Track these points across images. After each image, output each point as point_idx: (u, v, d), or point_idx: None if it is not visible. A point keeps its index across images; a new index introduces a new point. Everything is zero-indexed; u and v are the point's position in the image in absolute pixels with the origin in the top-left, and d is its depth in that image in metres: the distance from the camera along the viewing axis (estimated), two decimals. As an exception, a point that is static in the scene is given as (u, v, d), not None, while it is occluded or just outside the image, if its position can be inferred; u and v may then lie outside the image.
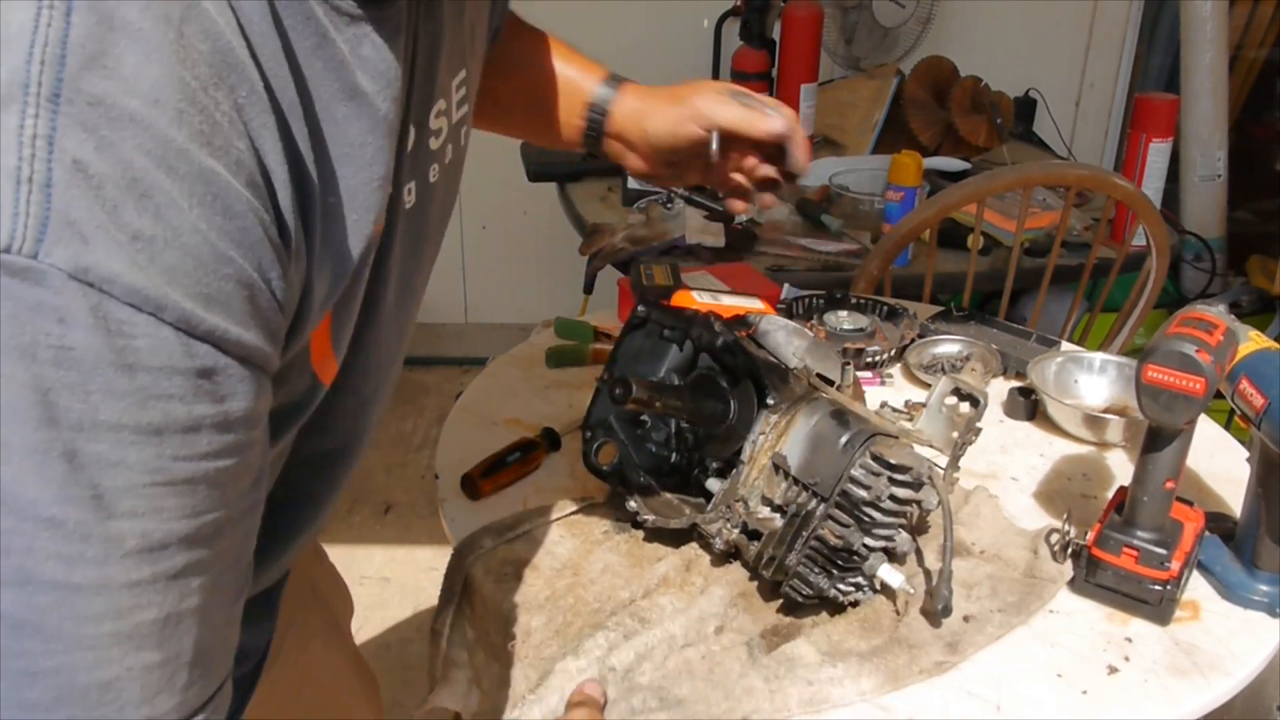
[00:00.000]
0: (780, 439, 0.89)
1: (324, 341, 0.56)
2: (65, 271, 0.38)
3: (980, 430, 1.02)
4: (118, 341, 0.39)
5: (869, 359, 1.33)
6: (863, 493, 0.84)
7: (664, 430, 1.02)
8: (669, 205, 2.07)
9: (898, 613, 0.91)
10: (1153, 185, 2.08)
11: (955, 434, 0.99)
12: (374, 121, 0.52)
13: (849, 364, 1.01)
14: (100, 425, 0.39)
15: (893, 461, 0.84)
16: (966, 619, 0.91)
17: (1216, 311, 0.89)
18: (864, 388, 1.04)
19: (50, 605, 0.40)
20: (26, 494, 0.39)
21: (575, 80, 0.96)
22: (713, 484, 0.94)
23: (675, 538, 0.99)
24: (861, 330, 1.39)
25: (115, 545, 0.40)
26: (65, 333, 0.38)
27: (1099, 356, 1.31)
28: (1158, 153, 2.07)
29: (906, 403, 1.28)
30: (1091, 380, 1.29)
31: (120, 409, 0.40)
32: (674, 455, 1.02)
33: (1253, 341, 0.92)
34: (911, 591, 0.88)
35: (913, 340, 1.37)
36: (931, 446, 0.98)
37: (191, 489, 0.42)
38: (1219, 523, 1.02)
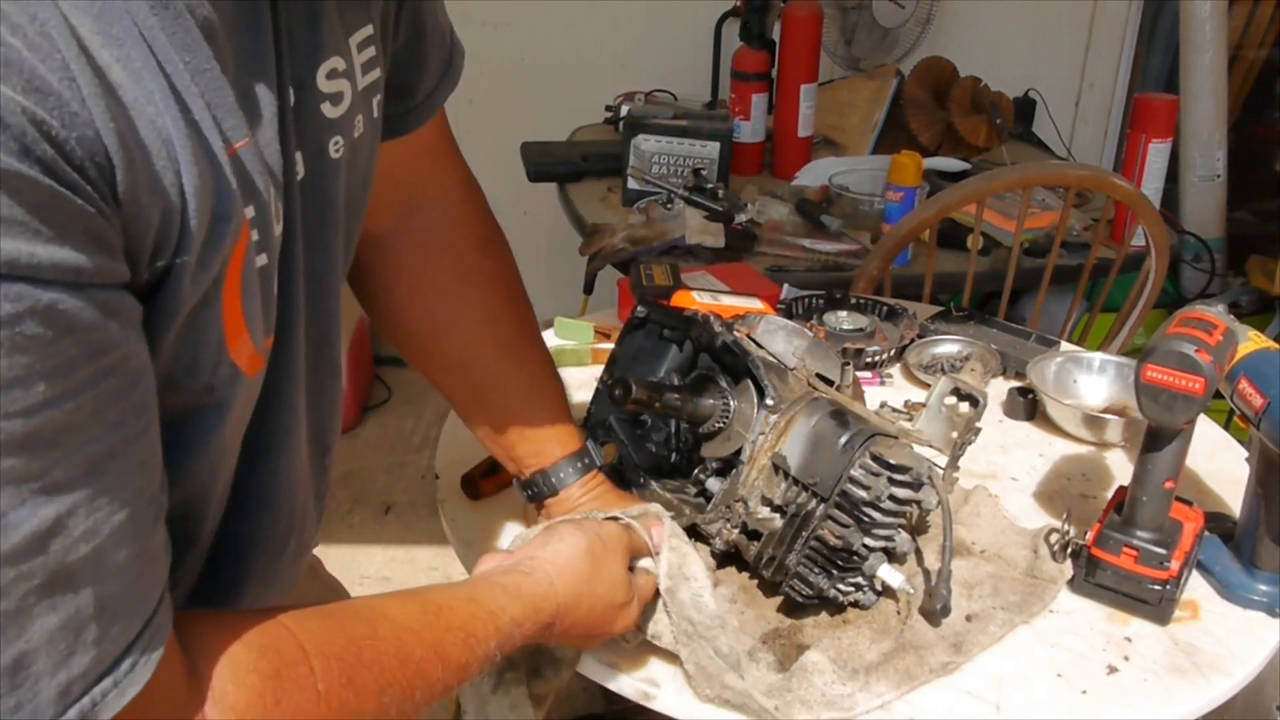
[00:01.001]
0: (780, 439, 0.89)
1: (237, 323, 0.52)
2: None
3: (980, 430, 1.02)
4: None
5: (869, 359, 1.33)
6: (862, 493, 0.84)
7: (664, 430, 1.03)
8: (669, 206, 2.08)
9: (899, 614, 0.91)
10: (1152, 185, 2.08)
11: (955, 434, 0.99)
12: (189, 36, 0.46)
13: (848, 364, 1.01)
14: None
15: (892, 462, 0.84)
16: (969, 618, 0.92)
17: (1216, 311, 0.89)
18: (864, 388, 1.03)
19: None
20: None
21: (540, 441, 0.92)
22: (713, 484, 0.94)
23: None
24: (861, 330, 1.39)
25: None
26: None
27: (1098, 356, 1.31)
28: (1157, 153, 2.07)
29: (906, 403, 1.28)
30: (1091, 380, 1.29)
31: None
32: (674, 455, 1.02)
33: (1252, 341, 0.92)
34: (911, 591, 0.88)
35: (912, 340, 1.37)
36: (931, 446, 0.98)
37: (40, 445, 0.39)
38: (1219, 523, 1.02)
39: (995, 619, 0.92)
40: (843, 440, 0.86)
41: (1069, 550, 0.97)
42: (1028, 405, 1.25)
